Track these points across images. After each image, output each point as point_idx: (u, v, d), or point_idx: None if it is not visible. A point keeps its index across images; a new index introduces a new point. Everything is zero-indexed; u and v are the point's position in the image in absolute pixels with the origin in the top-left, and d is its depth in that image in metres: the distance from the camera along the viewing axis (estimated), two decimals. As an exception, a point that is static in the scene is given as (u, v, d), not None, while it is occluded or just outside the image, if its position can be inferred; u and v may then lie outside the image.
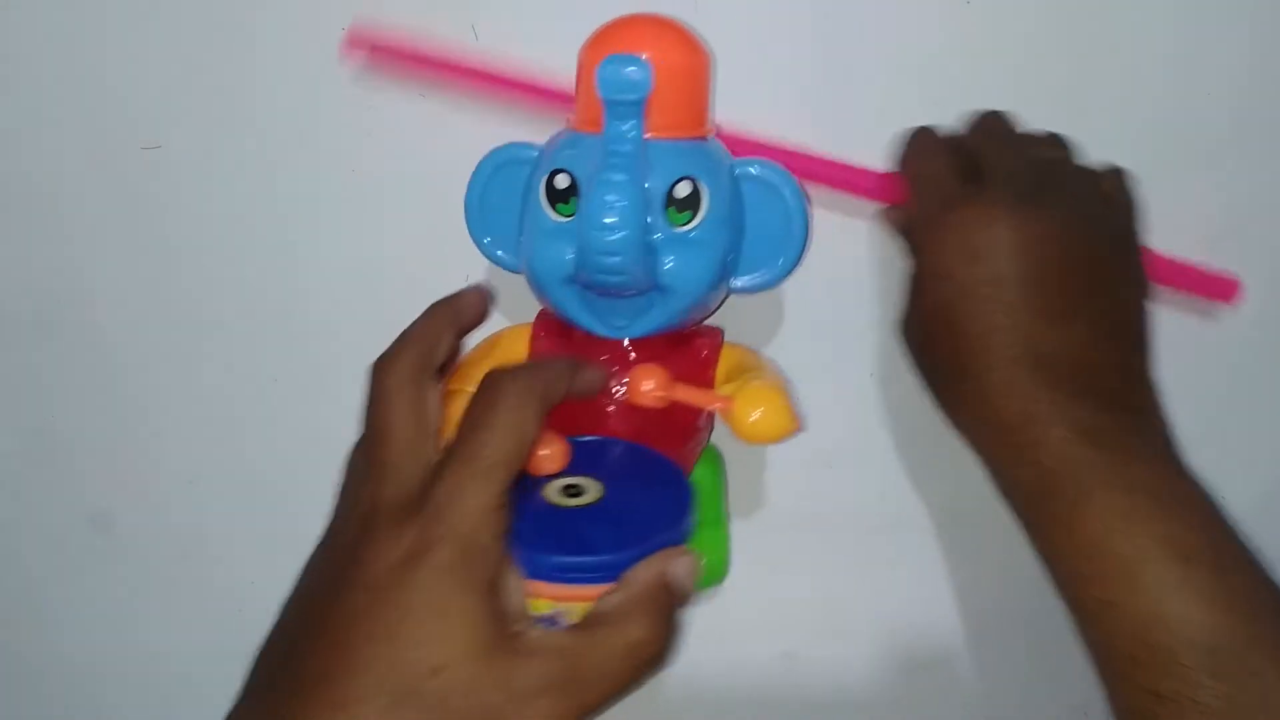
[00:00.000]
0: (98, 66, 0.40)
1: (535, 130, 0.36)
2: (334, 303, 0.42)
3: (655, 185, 0.32)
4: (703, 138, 0.34)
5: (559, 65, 0.39)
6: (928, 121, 0.38)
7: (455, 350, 0.33)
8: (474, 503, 0.25)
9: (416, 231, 0.40)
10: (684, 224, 0.32)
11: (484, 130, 0.38)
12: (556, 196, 0.33)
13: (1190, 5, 0.38)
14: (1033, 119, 0.38)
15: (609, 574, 0.28)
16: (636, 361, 0.34)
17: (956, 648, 0.42)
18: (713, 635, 0.41)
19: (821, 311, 0.40)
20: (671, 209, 0.32)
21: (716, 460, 0.39)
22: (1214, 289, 0.38)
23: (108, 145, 0.41)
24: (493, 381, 0.27)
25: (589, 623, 0.27)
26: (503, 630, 0.25)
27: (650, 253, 0.32)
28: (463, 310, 0.32)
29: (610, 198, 0.30)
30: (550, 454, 0.31)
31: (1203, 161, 0.39)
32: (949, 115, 0.38)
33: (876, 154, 0.39)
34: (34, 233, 0.43)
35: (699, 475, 0.36)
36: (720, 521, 0.38)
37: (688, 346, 0.36)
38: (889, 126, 0.38)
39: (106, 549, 0.45)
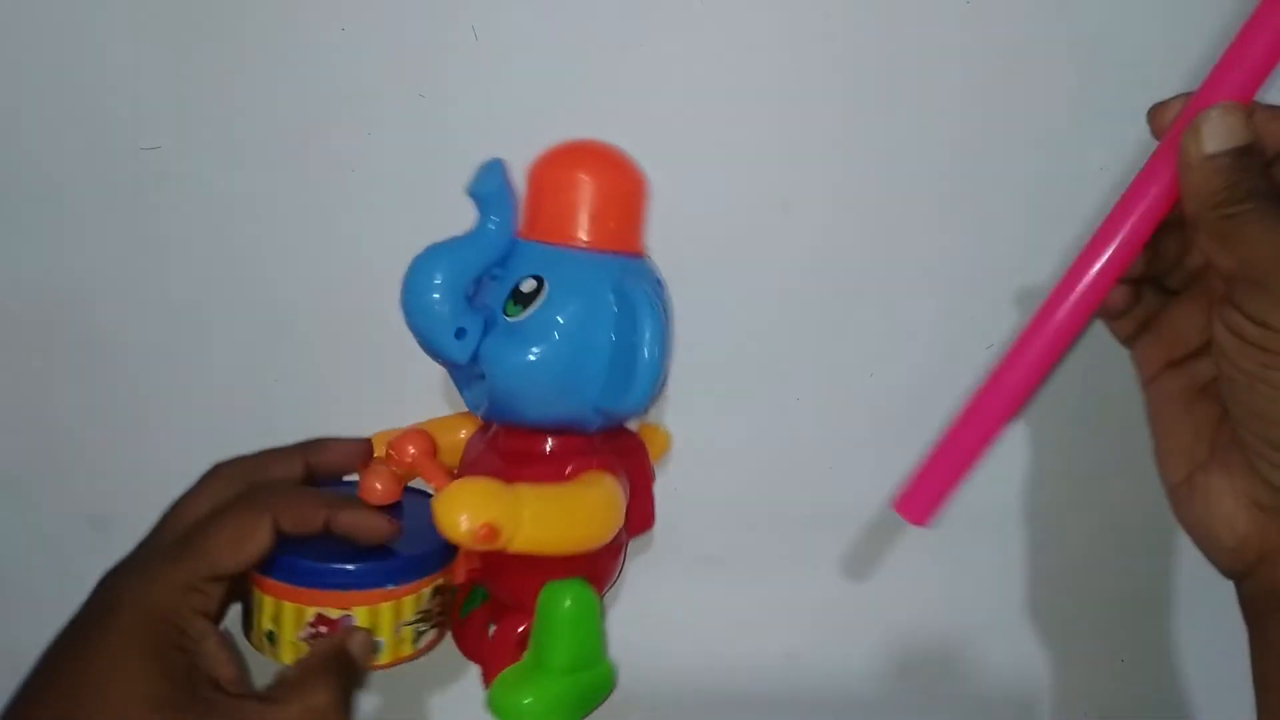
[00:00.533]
0: (98, 66, 0.40)
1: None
2: (334, 303, 0.42)
3: (507, 278, 0.34)
4: (612, 252, 0.35)
5: (559, 65, 0.39)
6: (927, 121, 0.38)
7: (301, 476, 0.35)
8: (166, 578, 0.30)
9: (417, 232, 0.40)
10: (514, 315, 0.33)
11: (484, 130, 0.38)
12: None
13: (1190, 5, 0.38)
14: (1032, 119, 0.38)
15: (333, 582, 0.33)
16: (506, 453, 0.36)
17: (956, 648, 0.42)
18: (713, 635, 0.41)
19: (822, 311, 0.40)
20: (510, 300, 0.34)
21: (582, 598, 0.35)
22: None
23: (108, 145, 0.41)
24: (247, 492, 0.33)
25: (272, 688, 0.31)
26: (186, 689, 0.29)
27: (469, 334, 0.33)
28: (321, 453, 0.36)
29: (420, 260, 0.33)
30: (382, 489, 0.35)
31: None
32: (949, 115, 0.38)
33: (876, 154, 0.39)
34: (34, 233, 0.43)
35: (550, 599, 0.34)
36: (546, 666, 0.34)
37: (555, 455, 0.35)
38: (889, 126, 0.38)
39: (106, 549, 0.45)
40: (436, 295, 0.33)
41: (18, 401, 0.45)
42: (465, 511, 0.30)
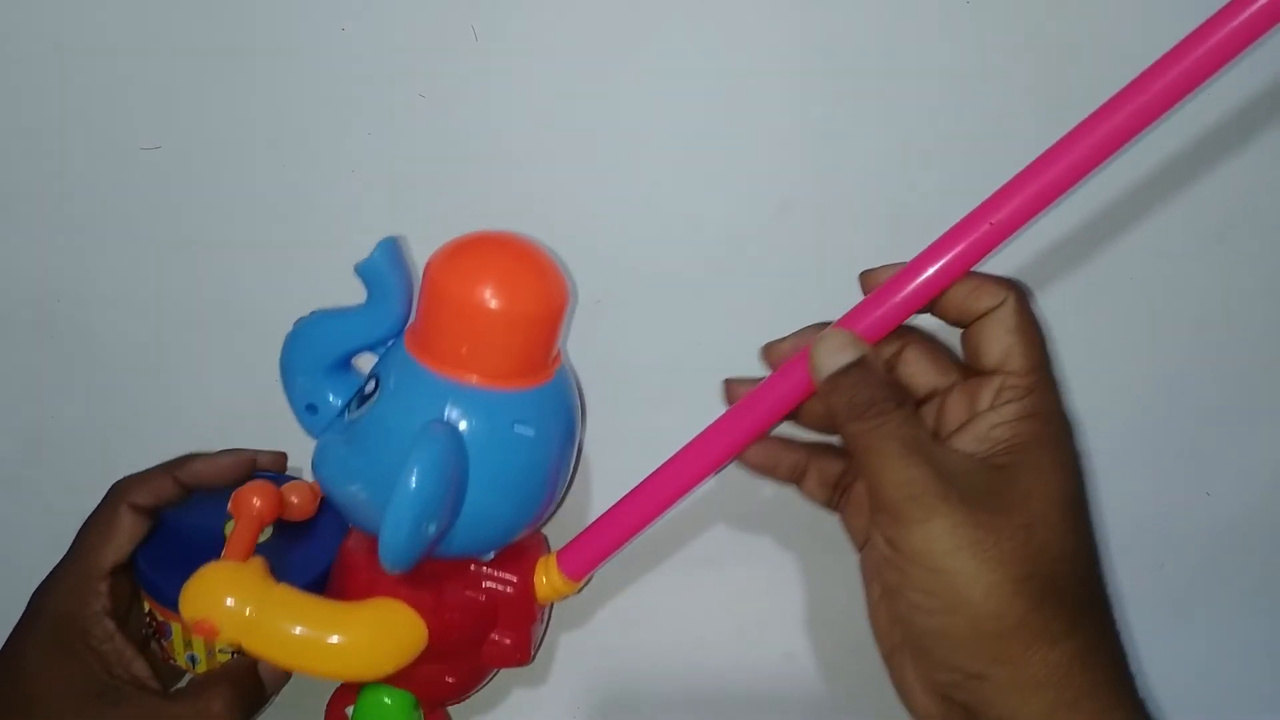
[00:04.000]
0: (98, 66, 0.40)
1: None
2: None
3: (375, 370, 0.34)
4: (464, 382, 0.32)
5: (559, 65, 0.39)
6: (927, 120, 0.38)
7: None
8: (64, 581, 0.34)
9: (417, 232, 0.40)
10: (353, 414, 0.33)
11: (484, 130, 0.38)
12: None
13: (1191, 5, 0.38)
14: (1033, 119, 0.38)
15: (160, 597, 0.34)
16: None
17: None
18: (713, 635, 0.41)
19: (821, 311, 0.40)
20: (356, 395, 0.34)
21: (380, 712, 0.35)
22: None
23: (108, 145, 0.41)
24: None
25: (181, 689, 0.34)
26: (95, 681, 0.33)
27: (320, 411, 0.35)
28: (189, 470, 0.37)
29: (295, 326, 0.35)
30: (297, 503, 0.36)
31: (1205, 161, 0.39)
32: (949, 115, 0.38)
33: (875, 154, 0.39)
34: (34, 233, 0.43)
35: (365, 702, 0.35)
36: None
37: (358, 566, 0.34)
38: (889, 127, 0.38)
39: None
40: (291, 367, 0.34)
41: (17, 401, 0.45)
42: (191, 597, 0.31)
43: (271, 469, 0.38)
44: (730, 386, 0.33)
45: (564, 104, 0.39)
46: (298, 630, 0.31)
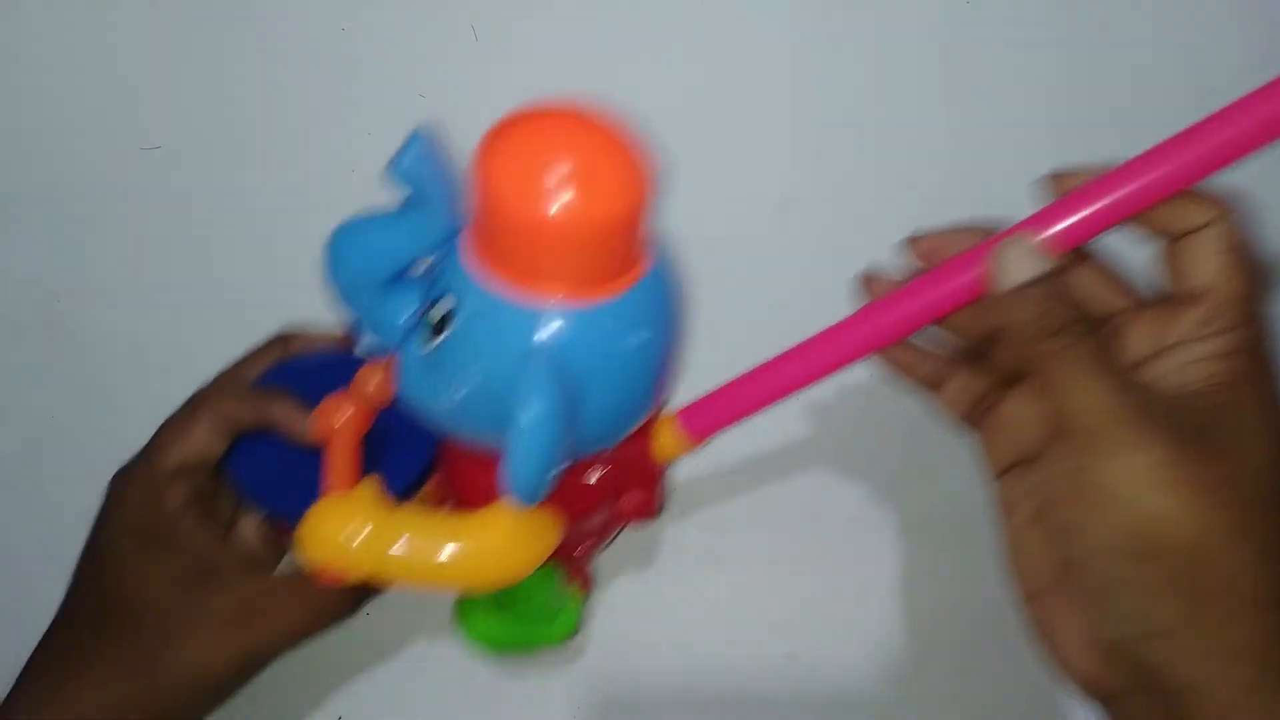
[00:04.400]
0: (98, 66, 0.40)
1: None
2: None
3: (429, 285, 0.29)
4: (556, 301, 0.27)
5: (559, 65, 0.39)
6: (928, 119, 0.38)
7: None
8: (139, 480, 0.33)
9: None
10: (425, 342, 0.29)
11: (483, 131, 0.38)
12: None
13: (1191, 5, 0.38)
14: (1033, 119, 0.38)
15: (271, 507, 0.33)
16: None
17: (957, 648, 0.42)
18: (713, 635, 0.41)
19: (820, 310, 0.40)
20: (424, 321, 0.29)
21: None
22: None
23: (108, 145, 0.41)
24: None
25: (285, 575, 0.33)
26: (193, 568, 0.32)
27: (392, 323, 0.30)
28: (293, 346, 0.36)
29: (334, 241, 0.30)
30: (375, 393, 0.32)
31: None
32: (948, 115, 0.38)
33: (875, 153, 0.39)
34: (34, 233, 0.43)
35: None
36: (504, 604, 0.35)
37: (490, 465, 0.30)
38: (888, 126, 0.38)
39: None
40: (346, 288, 0.29)
41: (17, 401, 0.45)
42: (310, 547, 0.29)
43: (331, 350, 0.36)
44: (868, 279, 0.30)
45: (564, 104, 0.39)
46: (431, 556, 0.29)
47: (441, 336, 0.28)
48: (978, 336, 0.30)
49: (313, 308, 0.42)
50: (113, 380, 0.44)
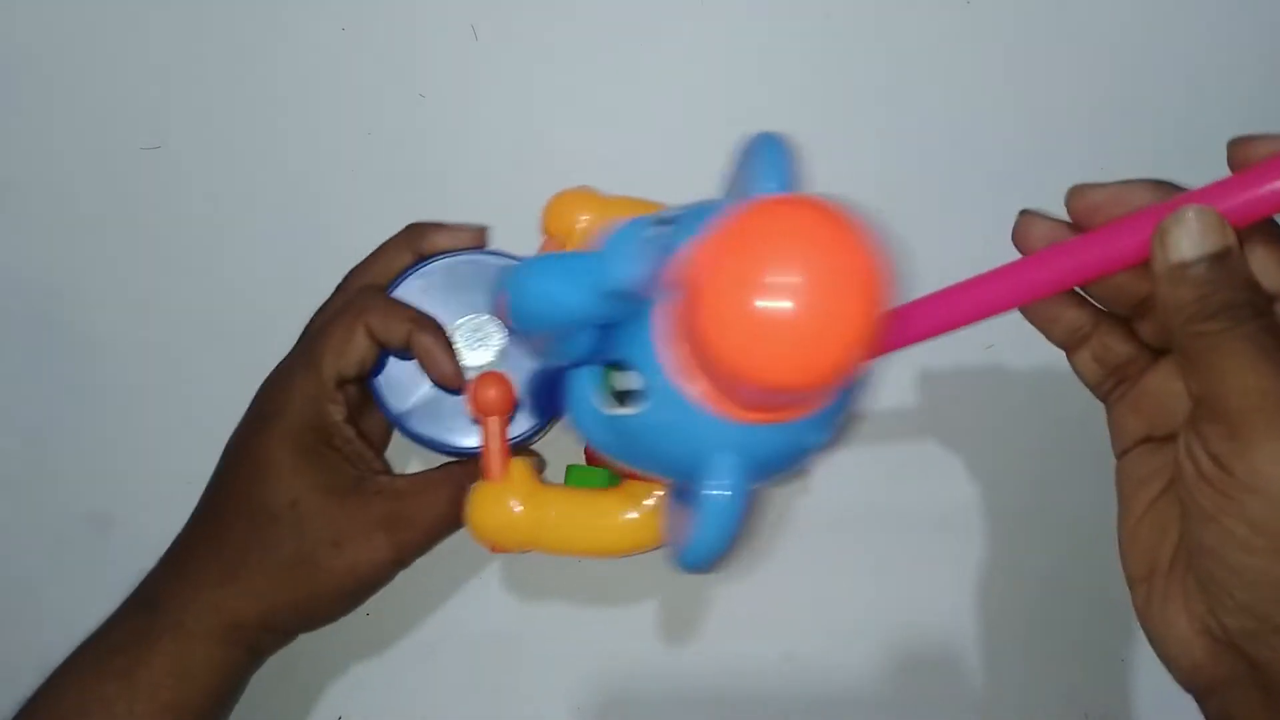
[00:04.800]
0: (98, 66, 0.40)
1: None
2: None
3: (613, 341, 0.27)
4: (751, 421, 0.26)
5: (559, 65, 0.39)
6: (928, 118, 0.38)
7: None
8: (301, 389, 0.34)
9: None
10: (607, 403, 0.28)
11: (484, 130, 0.38)
12: None
13: (1191, 5, 0.38)
14: (1033, 119, 0.38)
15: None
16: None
17: (957, 648, 0.42)
18: (713, 635, 0.41)
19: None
20: (605, 381, 0.28)
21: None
22: None
23: (108, 145, 0.41)
24: (349, 295, 0.36)
25: (423, 477, 0.35)
26: (347, 476, 0.34)
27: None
28: (426, 240, 0.36)
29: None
30: (494, 397, 0.33)
31: (1208, 160, 0.39)
32: (949, 115, 0.38)
33: (873, 154, 0.39)
34: (33, 233, 0.43)
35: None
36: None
37: None
38: (888, 126, 0.38)
39: (105, 549, 0.45)
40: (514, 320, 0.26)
41: (16, 401, 0.45)
42: (474, 528, 0.32)
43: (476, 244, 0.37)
44: (1027, 219, 0.28)
45: (564, 104, 0.39)
46: (580, 532, 0.32)
47: (627, 410, 0.27)
48: (1128, 302, 0.28)
49: (313, 307, 0.42)
50: (113, 380, 0.44)
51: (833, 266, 0.21)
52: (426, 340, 0.34)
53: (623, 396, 0.28)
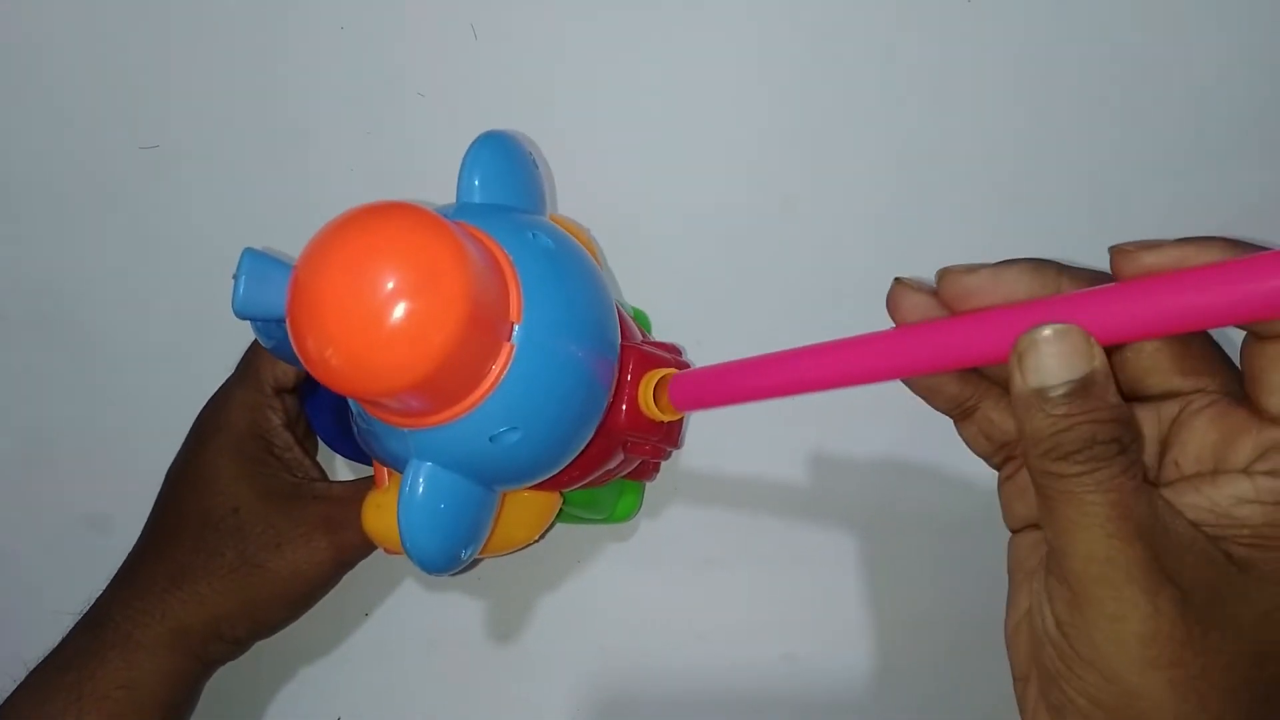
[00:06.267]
0: (97, 65, 0.40)
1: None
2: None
3: None
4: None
5: (559, 65, 0.39)
6: (928, 119, 0.38)
7: None
8: (240, 400, 0.36)
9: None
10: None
11: (482, 130, 0.38)
12: None
13: (1192, 5, 0.38)
14: (1033, 120, 0.38)
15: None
16: None
17: (957, 648, 0.42)
18: (713, 635, 0.41)
19: (821, 309, 0.40)
20: None
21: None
22: None
23: (108, 145, 0.41)
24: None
25: (358, 484, 0.36)
26: (286, 482, 0.35)
27: None
28: None
29: None
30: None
31: (1207, 160, 0.39)
32: (949, 115, 0.38)
33: (876, 152, 0.38)
34: (32, 232, 0.43)
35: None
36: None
37: None
38: (888, 126, 0.38)
39: (105, 549, 0.45)
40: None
41: (15, 401, 0.45)
42: (371, 531, 0.32)
43: None
44: (899, 289, 0.25)
45: (564, 104, 0.39)
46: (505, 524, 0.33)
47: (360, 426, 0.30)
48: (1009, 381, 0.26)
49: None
50: (113, 380, 0.44)
51: (333, 278, 0.24)
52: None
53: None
